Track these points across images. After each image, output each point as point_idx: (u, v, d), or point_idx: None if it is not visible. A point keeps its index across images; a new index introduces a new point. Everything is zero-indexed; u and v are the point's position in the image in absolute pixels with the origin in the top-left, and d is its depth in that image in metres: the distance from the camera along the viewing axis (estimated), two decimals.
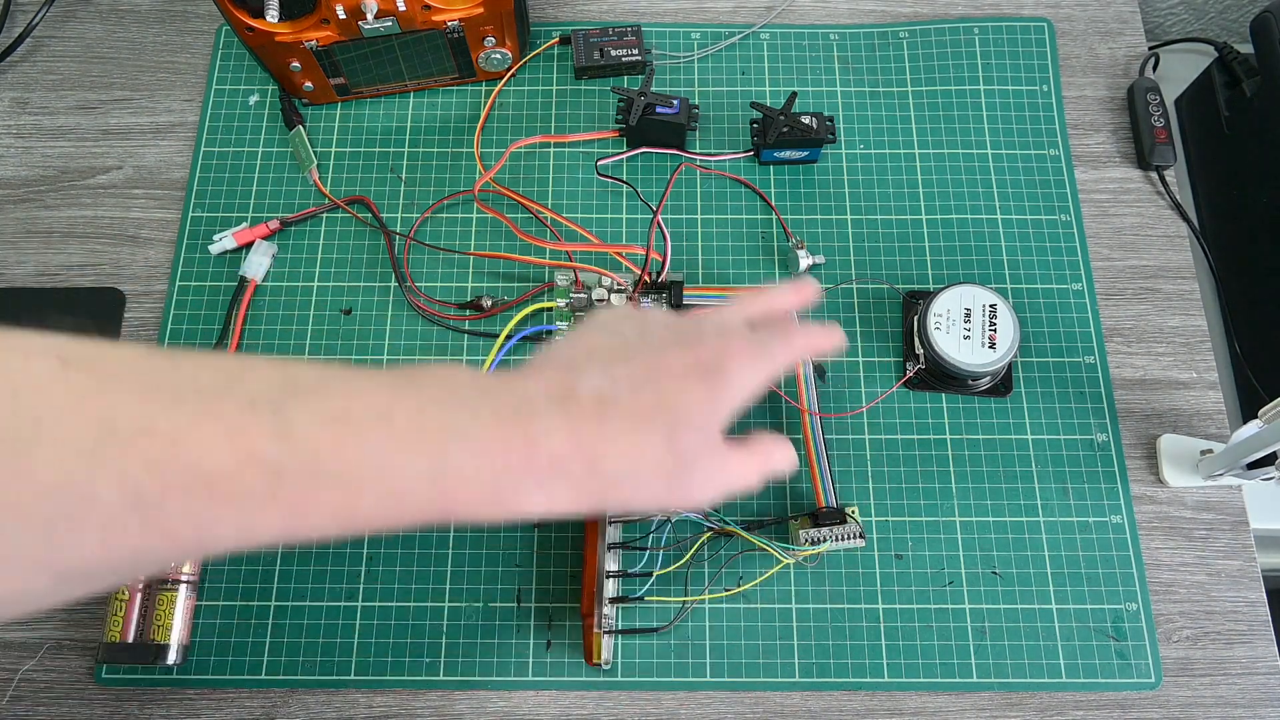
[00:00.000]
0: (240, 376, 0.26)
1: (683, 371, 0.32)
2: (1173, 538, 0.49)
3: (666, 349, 0.32)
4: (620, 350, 0.32)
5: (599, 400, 0.30)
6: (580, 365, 0.31)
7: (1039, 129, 0.58)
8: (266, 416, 0.25)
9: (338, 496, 0.26)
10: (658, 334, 0.33)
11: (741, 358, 0.33)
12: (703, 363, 0.32)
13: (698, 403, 0.31)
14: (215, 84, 0.59)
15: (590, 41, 0.58)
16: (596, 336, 0.34)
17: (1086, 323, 0.53)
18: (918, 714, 0.46)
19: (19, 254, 0.55)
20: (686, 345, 0.33)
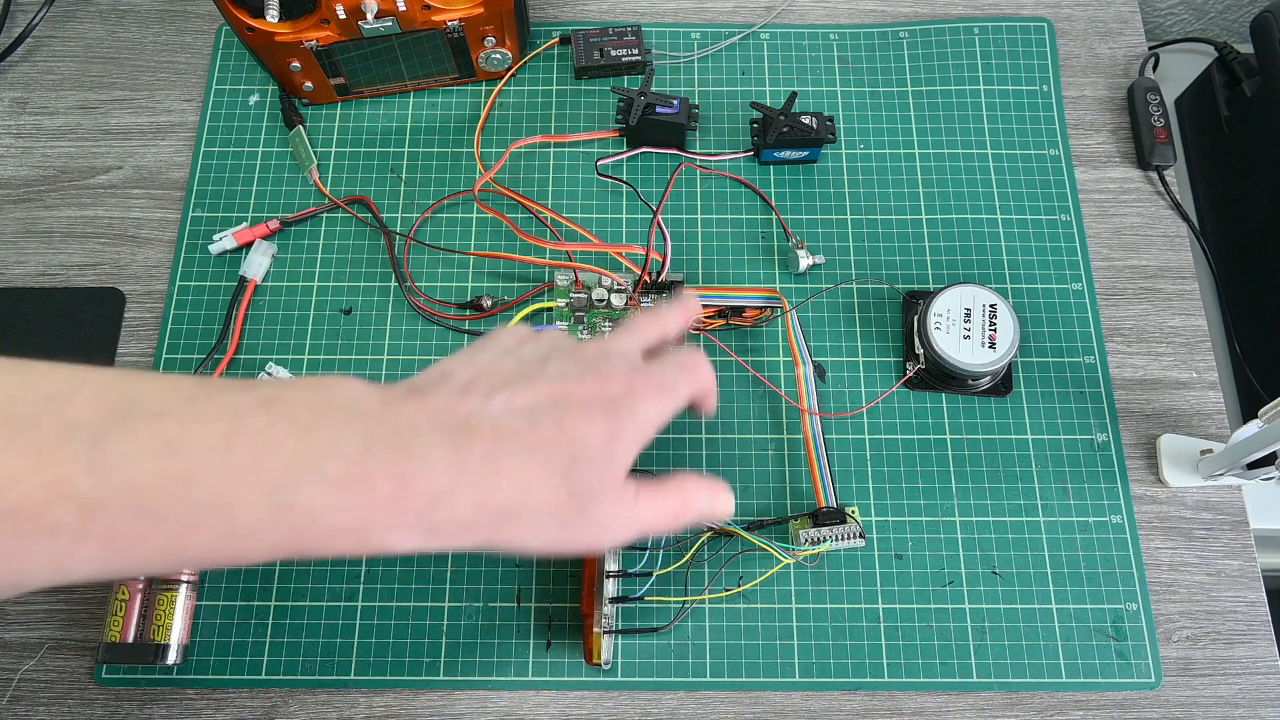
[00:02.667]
0: (69, 399, 0.24)
1: (586, 404, 0.30)
2: (1173, 538, 0.49)
3: (570, 378, 0.30)
4: (522, 376, 0.30)
5: (495, 430, 0.28)
6: (478, 390, 0.29)
7: (1039, 129, 0.58)
8: (82, 446, 0.23)
9: (165, 533, 0.24)
10: (560, 361, 0.32)
11: (647, 392, 0.31)
12: (608, 396, 0.30)
13: (600, 438, 0.29)
14: (215, 84, 0.59)
15: (590, 41, 0.58)
16: (497, 357, 0.32)
17: (1086, 323, 0.53)
18: (918, 714, 0.46)
19: (19, 254, 0.55)
20: (592, 376, 0.31)
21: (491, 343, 0.33)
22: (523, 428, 0.28)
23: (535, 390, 0.30)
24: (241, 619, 0.47)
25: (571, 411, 0.29)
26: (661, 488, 0.33)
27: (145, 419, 0.24)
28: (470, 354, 0.32)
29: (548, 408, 0.29)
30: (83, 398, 0.24)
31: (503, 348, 0.33)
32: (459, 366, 0.31)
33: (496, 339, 0.33)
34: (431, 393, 0.29)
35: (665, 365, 0.33)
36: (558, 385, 0.30)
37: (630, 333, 0.35)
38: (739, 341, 0.53)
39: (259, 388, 0.27)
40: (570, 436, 0.29)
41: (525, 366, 0.31)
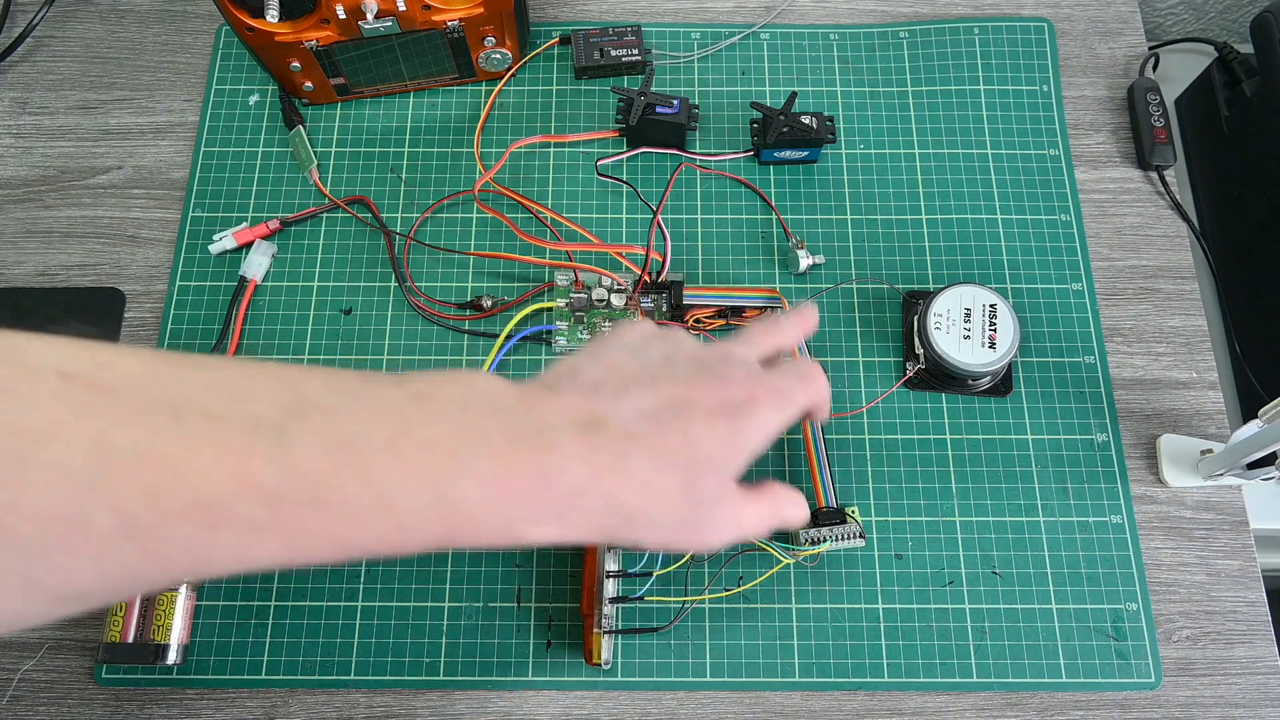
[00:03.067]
0: (247, 393, 0.25)
1: (709, 410, 0.31)
2: (1173, 538, 0.49)
3: (694, 382, 0.31)
4: (648, 377, 0.31)
5: (624, 433, 0.29)
6: (607, 389, 0.30)
7: (1039, 129, 0.58)
8: (268, 441, 0.24)
9: (338, 526, 0.25)
10: (684, 364, 0.32)
11: (766, 400, 0.32)
12: (730, 403, 0.31)
13: (720, 444, 0.30)
14: (215, 84, 0.59)
15: (590, 41, 0.58)
16: (623, 357, 0.32)
17: (1086, 323, 0.53)
18: (918, 714, 0.46)
19: (19, 254, 0.55)
20: (715, 382, 0.32)
21: (617, 340, 0.34)
22: (648, 431, 0.29)
23: (660, 393, 0.30)
24: (241, 619, 0.47)
25: (694, 417, 0.30)
26: (761, 494, 0.34)
27: (320, 415, 0.25)
28: (596, 351, 0.33)
29: (671, 412, 0.30)
30: (261, 393, 0.25)
31: (629, 346, 0.33)
32: (587, 364, 0.32)
33: (622, 336, 0.34)
34: (563, 390, 0.30)
35: (784, 374, 0.34)
36: (681, 389, 0.31)
37: (749, 341, 0.36)
38: None
39: (410, 381, 0.28)
40: (692, 442, 0.30)
41: (650, 367, 0.32)
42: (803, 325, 0.39)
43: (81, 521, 0.22)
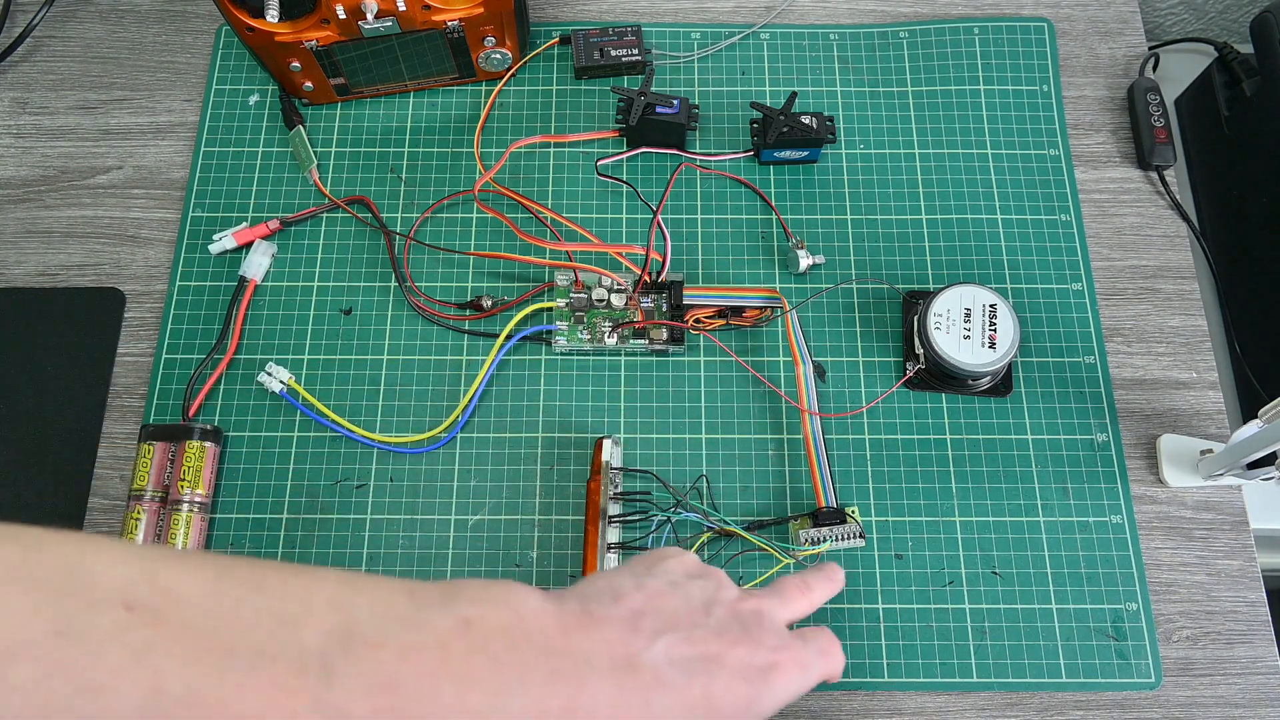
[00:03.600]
0: (299, 621, 0.26)
1: (734, 671, 0.31)
2: (1173, 538, 0.49)
3: (726, 638, 0.32)
4: (685, 622, 0.32)
5: (654, 677, 0.30)
6: (645, 627, 0.31)
7: (1039, 129, 0.58)
8: (314, 681, 0.25)
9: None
10: (722, 614, 0.33)
11: (788, 669, 0.33)
12: (755, 667, 0.32)
13: (737, 706, 0.31)
14: (215, 84, 0.59)
15: (590, 41, 0.58)
16: (665, 589, 0.33)
17: (1086, 323, 0.53)
18: (918, 714, 0.46)
19: (19, 254, 0.55)
20: (746, 642, 0.32)
21: (661, 568, 0.35)
22: (677, 681, 0.30)
23: (695, 643, 0.31)
24: None
25: (721, 674, 0.31)
26: None
27: (367, 649, 0.26)
28: (639, 574, 0.34)
29: (701, 664, 0.31)
30: (312, 621, 0.26)
31: (671, 578, 0.34)
32: (628, 587, 0.33)
33: (666, 565, 0.35)
34: (603, 618, 0.31)
35: (808, 645, 0.35)
36: (714, 644, 0.32)
37: (786, 600, 0.37)
38: (739, 341, 0.53)
39: (457, 602, 0.28)
40: (714, 701, 0.31)
41: (689, 610, 0.33)
42: (831, 589, 0.40)
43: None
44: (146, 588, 0.25)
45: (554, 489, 0.50)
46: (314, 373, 0.52)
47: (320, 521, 0.49)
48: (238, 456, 0.50)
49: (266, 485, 0.50)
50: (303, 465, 0.50)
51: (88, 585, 0.24)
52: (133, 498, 0.48)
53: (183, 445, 0.48)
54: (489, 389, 0.52)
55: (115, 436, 0.51)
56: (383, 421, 0.51)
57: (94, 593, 0.24)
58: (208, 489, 0.48)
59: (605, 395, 0.51)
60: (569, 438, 0.51)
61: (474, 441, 0.51)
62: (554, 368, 0.52)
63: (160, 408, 0.51)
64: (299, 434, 0.51)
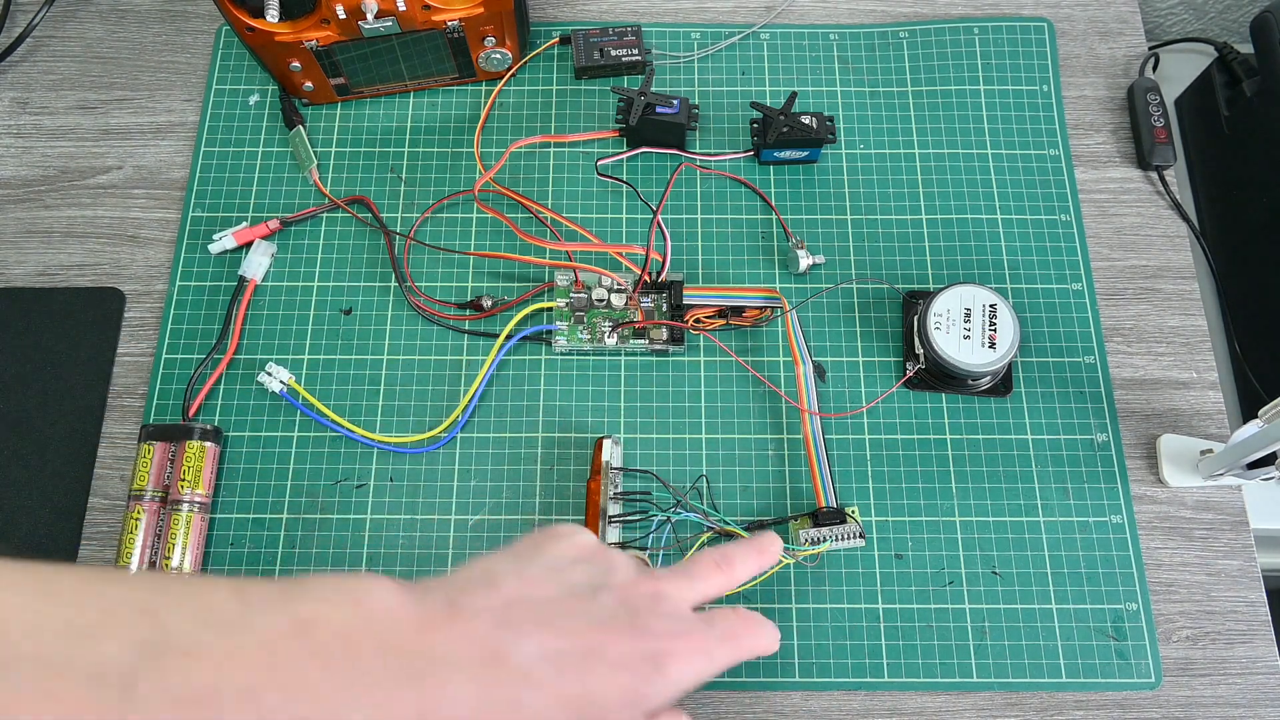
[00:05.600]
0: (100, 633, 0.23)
1: (615, 663, 0.29)
2: (1173, 538, 0.49)
3: (608, 627, 0.30)
4: (562, 612, 0.30)
5: (522, 674, 0.28)
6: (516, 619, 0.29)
7: (1039, 129, 0.58)
8: (111, 697, 0.22)
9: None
10: (608, 600, 0.31)
11: (684, 655, 0.30)
12: (641, 656, 0.30)
13: (619, 699, 0.29)
14: (215, 84, 0.59)
15: (590, 41, 0.58)
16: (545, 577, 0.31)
17: (1086, 323, 0.53)
18: (918, 714, 0.46)
19: (19, 254, 0.55)
20: (631, 630, 0.30)
21: (545, 553, 0.33)
22: (548, 678, 0.28)
23: (571, 635, 0.29)
24: None
25: (600, 668, 0.29)
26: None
27: (178, 659, 0.24)
28: (519, 561, 0.32)
29: (578, 658, 0.29)
30: (114, 629, 0.24)
31: (554, 563, 0.32)
32: (506, 575, 0.31)
33: (552, 547, 0.33)
34: (470, 611, 0.29)
35: (712, 628, 0.32)
36: (594, 634, 0.30)
37: (693, 580, 0.34)
38: (739, 341, 0.53)
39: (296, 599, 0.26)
40: (593, 696, 0.29)
41: (570, 599, 0.31)
42: (760, 561, 0.37)
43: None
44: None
45: (554, 489, 0.50)
46: (314, 373, 0.52)
47: (320, 521, 0.49)
48: (238, 456, 0.50)
49: (266, 485, 0.50)
50: (303, 465, 0.50)
51: None
52: (133, 498, 0.48)
53: (183, 445, 0.48)
54: (489, 389, 0.52)
55: (115, 436, 0.51)
56: (383, 421, 0.51)
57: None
58: (208, 489, 0.48)
59: (605, 395, 0.51)
60: (569, 438, 0.51)
61: (474, 441, 0.51)
62: (554, 368, 0.52)
63: (160, 408, 0.51)
64: (299, 434, 0.51)
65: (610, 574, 0.32)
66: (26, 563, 0.25)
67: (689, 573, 0.34)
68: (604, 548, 0.34)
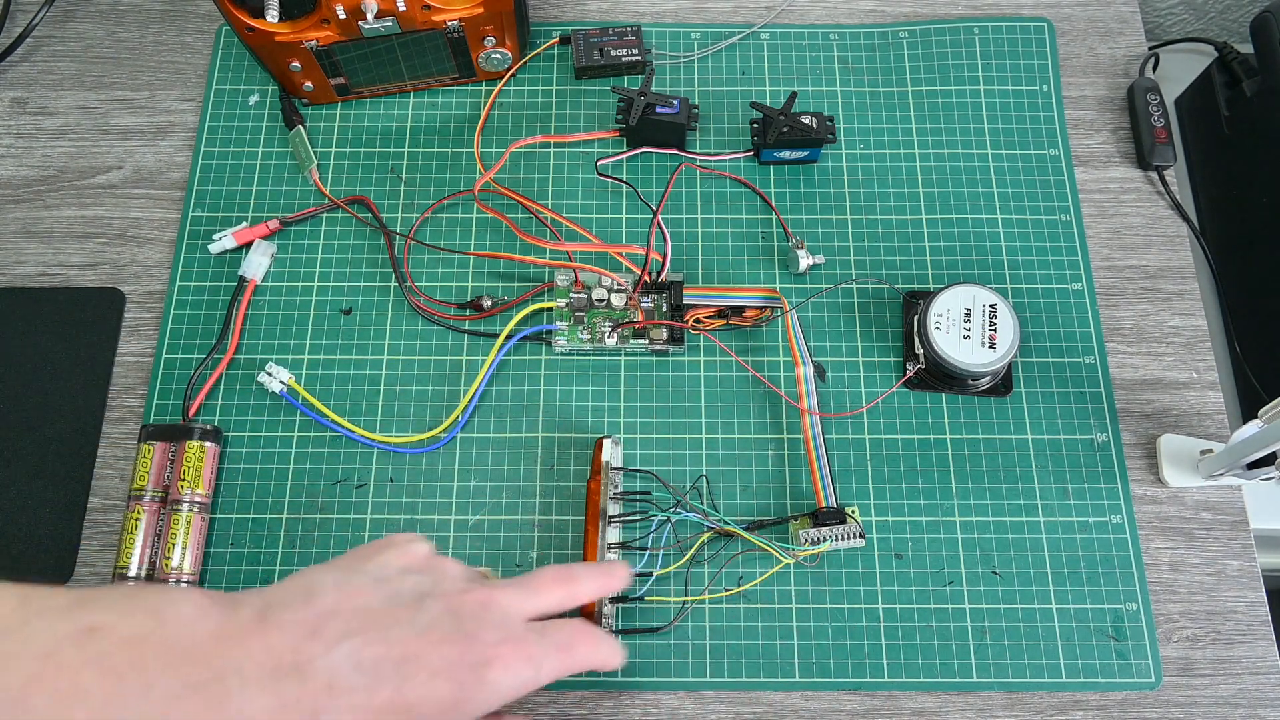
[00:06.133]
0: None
1: (434, 670, 0.29)
2: (1173, 538, 0.49)
3: (430, 635, 0.30)
4: (381, 622, 0.30)
5: (326, 685, 0.27)
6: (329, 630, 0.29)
7: (1039, 129, 0.58)
8: None
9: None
10: (433, 609, 0.31)
11: (508, 663, 0.30)
12: (462, 663, 0.30)
13: (439, 705, 0.29)
14: (215, 84, 0.59)
15: (590, 41, 0.58)
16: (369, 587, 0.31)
17: (1086, 323, 0.53)
18: (918, 714, 0.46)
19: (19, 254, 0.55)
20: (454, 637, 0.30)
21: (375, 561, 0.33)
22: (357, 686, 0.28)
23: (388, 643, 0.29)
24: None
25: (417, 675, 0.29)
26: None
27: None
28: (345, 572, 0.32)
29: (393, 666, 0.29)
30: None
31: (381, 573, 0.32)
32: (327, 586, 0.30)
33: (382, 557, 0.33)
34: (277, 623, 0.28)
35: (544, 639, 0.32)
36: (413, 642, 0.29)
37: (530, 593, 0.34)
38: (739, 341, 0.53)
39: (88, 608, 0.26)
40: (408, 703, 0.28)
41: (392, 608, 0.30)
42: (605, 583, 0.37)
43: None
44: None
45: (554, 489, 0.50)
46: (314, 373, 0.52)
47: (320, 521, 0.49)
48: (238, 456, 0.50)
49: (266, 485, 0.50)
50: (303, 465, 0.50)
51: None
52: (133, 498, 0.48)
53: (183, 445, 0.48)
54: (489, 389, 0.52)
55: (115, 436, 0.51)
56: (383, 421, 0.51)
57: None
58: (208, 489, 0.48)
59: (605, 395, 0.51)
60: (569, 438, 0.51)
61: (474, 441, 0.51)
62: (554, 368, 0.52)
63: (160, 408, 0.51)
64: (299, 434, 0.51)
65: (439, 583, 0.32)
66: None
67: (526, 584, 0.34)
68: (438, 557, 0.34)
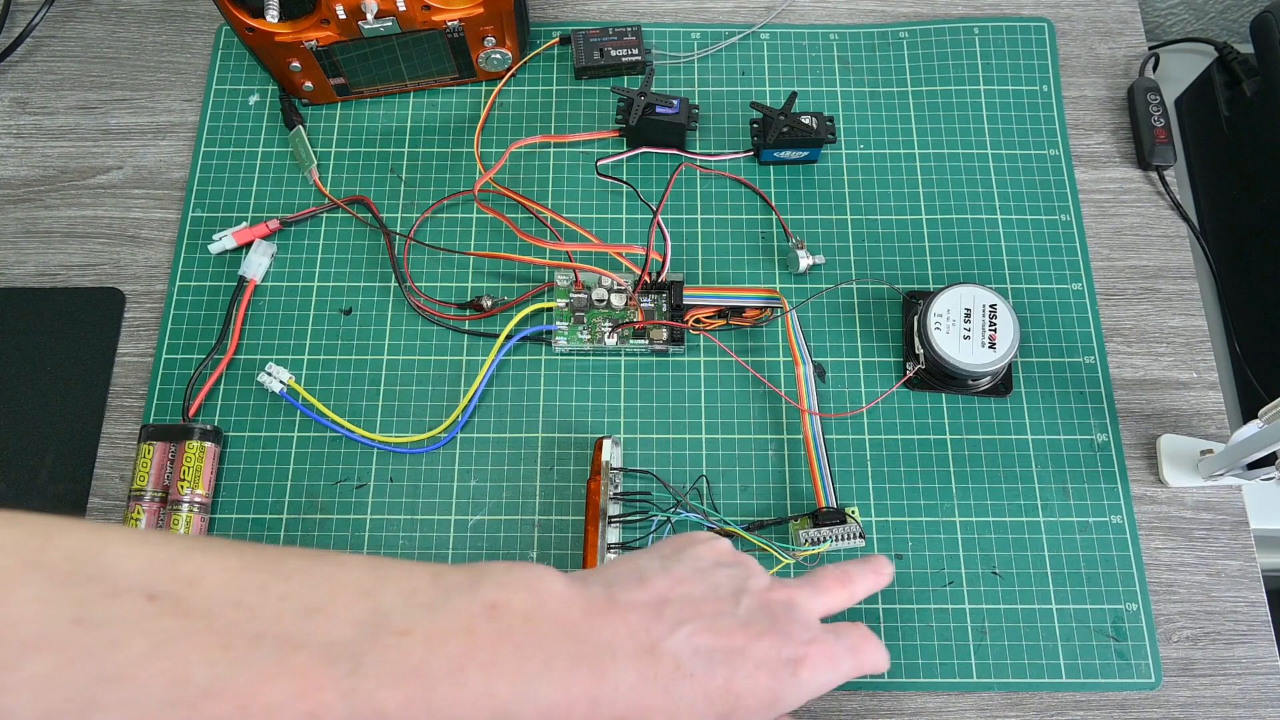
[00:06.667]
0: (327, 610, 0.26)
1: (758, 664, 0.31)
2: (1173, 538, 0.49)
3: (752, 628, 0.32)
4: (710, 611, 0.32)
5: (676, 666, 0.30)
6: (669, 613, 0.31)
7: (1039, 129, 0.58)
8: (342, 671, 0.25)
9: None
10: (750, 603, 0.33)
11: (816, 664, 0.32)
12: (780, 659, 0.31)
13: (760, 699, 0.31)
14: (215, 84, 0.59)
15: (590, 41, 0.58)
16: (692, 576, 0.33)
17: (1086, 323, 0.53)
18: (918, 714, 0.46)
19: (19, 254, 0.55)
20: (772, 633, 0.32)
21: (689, 553, 0.34)
22: (698, 671, 0.30)
23: (718, 633, 0.31)
24: None
25: (744, 667, 0.31)
26: None
27: (394, 637, 0.26)
28: (665, 557, 0.34)
29: (724, 655, 0.31)
30: (339, 609, 0.26)
31: (698, 564, 0.34)
32: (654, 571, 0.32)
33: (696, 551, 0.34)
34: (627, 604, 0.31)
35: (839, 640, 0.34)
36: (738, 635, 0.31)
37: (819, 593, 0.36)
38: (739, 341, 0.53)
39: (482, 585, 0.28)
40: (735, 693, 0.30)
41: (716, 598, 0.32)
42: (876, 581, 0.39)
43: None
44: (168, 576, 0.25)
45: (554, 489, 0.50)
46: (314, 373, 0.52)
47: (320, 521, 0.49)
48: (238, 456, 0.50)
49: (266, 485, 0.50)
50: (303, 465, 0.50)
51: (107, 574, 0.24)
52: (133, 498, 0.48)
53: (183, 445, 0.48)
54: (489, 389, 0.52)
55: (115, 436, 0.51)
56: (383, 421, 0.51)
57: (114, 582, 0.24)
58: (208, 489, 0.48)
59: (605, 395, 0.51)
60: (569, 438, 0.51)
61: (474, 441, 0.51)
62: (554, 368, 0.52)
63: (160, 408, 0.51)
64: (299, 434, 0.51)
65: (750, 578, 0.34)
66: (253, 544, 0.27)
67: (815, 585, 0.36)
68: (741, 554, 0.36)
